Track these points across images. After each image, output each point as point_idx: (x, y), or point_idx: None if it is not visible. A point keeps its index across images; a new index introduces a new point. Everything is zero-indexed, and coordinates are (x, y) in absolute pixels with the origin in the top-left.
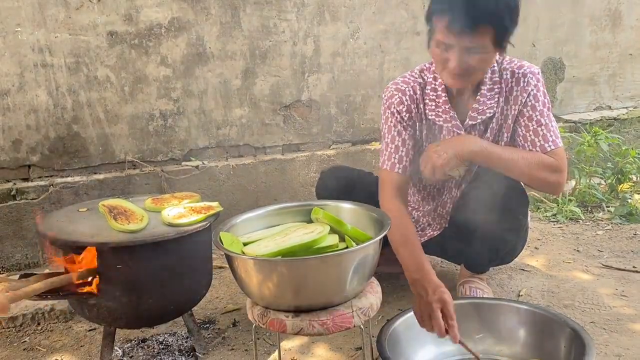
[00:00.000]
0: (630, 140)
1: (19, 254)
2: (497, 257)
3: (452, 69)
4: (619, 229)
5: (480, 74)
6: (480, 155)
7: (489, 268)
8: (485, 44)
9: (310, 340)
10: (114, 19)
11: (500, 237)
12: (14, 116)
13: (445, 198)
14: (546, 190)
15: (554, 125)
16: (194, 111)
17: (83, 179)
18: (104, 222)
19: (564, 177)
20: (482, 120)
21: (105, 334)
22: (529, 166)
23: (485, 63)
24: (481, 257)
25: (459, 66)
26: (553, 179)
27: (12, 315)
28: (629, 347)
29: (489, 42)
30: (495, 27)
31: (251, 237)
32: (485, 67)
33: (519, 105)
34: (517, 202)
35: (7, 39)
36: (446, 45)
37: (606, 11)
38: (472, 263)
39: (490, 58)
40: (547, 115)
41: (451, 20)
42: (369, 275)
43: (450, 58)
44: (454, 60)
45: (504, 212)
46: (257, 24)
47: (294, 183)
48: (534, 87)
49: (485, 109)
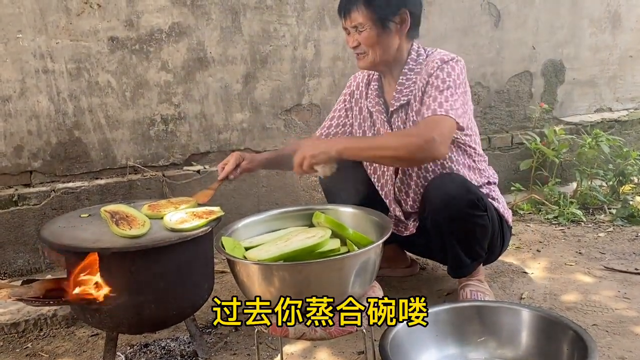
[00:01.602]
0: (631, 142)
1: (21, 259)
2: (469, 256)
3: (351, 49)
4: (620, 231)
5: (378, 55)
6: (347, 151)
7: (472, 268)
8: (363, 22)
9: (312, 345)
10: (115, 24)
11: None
12: (15, 122)
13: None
14: (416, 155)
15: (455, 100)
16: (195, 116)
17: (85, 185)
18: (106, 227)
19: (428, 138)
20: (401, 105)
21: (108, 340)
22: (398, 137)
23: (370, 41)
24: (453, 259)
25: (351, 45)
26: (414, 140)
27: (15, 322)
28: (632, 350)
29: (367, 20)
30: (366, 6)
31: (253, 242)
32: (374, 44)
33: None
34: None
35: (8, 45)
36: (345, 31)
37: (606, 13)
38: (450, 268)
39: (374, 37)
40: (449, 88)
41: (339, 7)
42: (371, 279)
43: (348, 40)
44: (348, 41)
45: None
46: (257, 29)
47: (295, 187)
48: (437, 68)
49: (401, 97)
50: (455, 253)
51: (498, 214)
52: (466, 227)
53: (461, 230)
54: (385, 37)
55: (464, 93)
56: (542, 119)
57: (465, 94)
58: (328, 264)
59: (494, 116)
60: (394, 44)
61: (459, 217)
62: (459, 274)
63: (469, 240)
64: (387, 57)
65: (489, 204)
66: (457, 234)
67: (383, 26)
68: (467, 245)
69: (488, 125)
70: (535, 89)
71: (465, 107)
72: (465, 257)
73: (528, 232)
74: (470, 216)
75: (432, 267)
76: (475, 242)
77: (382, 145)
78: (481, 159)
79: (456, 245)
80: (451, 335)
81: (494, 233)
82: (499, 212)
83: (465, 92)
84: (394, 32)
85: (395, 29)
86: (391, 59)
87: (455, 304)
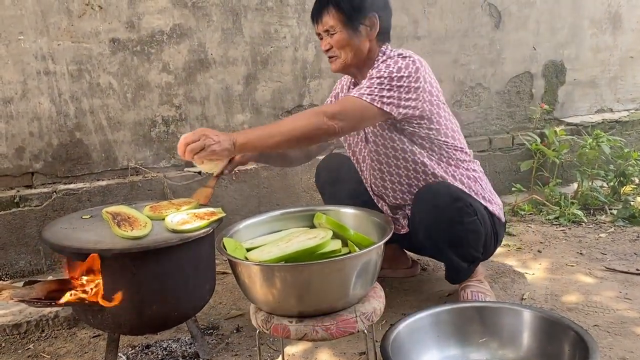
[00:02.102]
0: (632, 143)
1: (23, 261)
2: (465, 260)
3: (324, 52)
4: (621, 232)
5: (349, 57)
6: (249, 144)
7: (470, 272)
8: (334, 24)
9: (314, 346)
10: (116, 26)
11: (451, 242)
12: (17, 124)
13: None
14: (314, 132)
15: (382, 88)
16: (196, 117)
17: (86, 186)
18: (107, 228)
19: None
20: None
21: (109, 341)
22: (296, 118)
23: (342, 43)
24: (450, 266)
25: (324, 48)
26: (312, 118)
27: (16, 323)
28: (633, 350)
29: (338, 22)
30: (336, 10)
31: (254, 243)
32: (344, 48)
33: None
34: (446, 202)
35: (10, 47)
36: (318, 36)
37: (606, 14)
38: (448, 275)
39: (345, 39)
40: (379, 78)
41: (312, 14)
42: (372, 280)
43: (322, 44)
44: (322, 45)
45: (440, 219)
46: (258, 30)
47: (296, 188)
48: (381, 62)
49: None
50: (451, 260)
51: (488, 212)
52: (458, 235)
53: (454, 239)
54: (356, 39)
55: (402, 87)
56: (543, 120)
57: (407, 89)
58: (329, 265)
59: (495, 117)
60: (365, 47)
61: (450, 227)
62: (457, 280)
63: (463, 247)
64: (358, 59)
65: (478, 206)
66: (450, 242)
67: (354, 29)
68: (462, 251)
69: (489, 126)
70: (536, 89)
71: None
72: (461, 263)
73: (529, 233)
74: (461, 224)
75: (433, 268)
76: (470, 246)
77: (283, 130)
78: (462, 154)
79: (451, 253)
80: (452, 336)
81: (487, 233)
82: (488, 210)
83: (409, 87)
84: (364, 35)
85: (365, 32)
86: (362, 61)
87: (456, 304)
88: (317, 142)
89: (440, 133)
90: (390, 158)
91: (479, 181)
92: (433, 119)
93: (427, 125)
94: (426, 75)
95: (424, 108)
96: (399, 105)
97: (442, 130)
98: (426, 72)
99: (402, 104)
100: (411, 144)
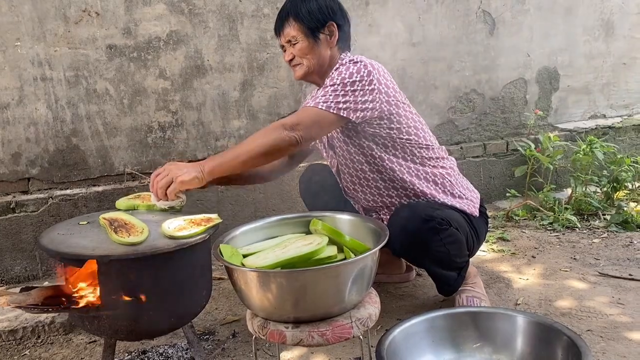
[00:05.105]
0: (625, 149)
1: (18, 266)
2: (452, 270)
3: (287, 63)
4: (615, 237)
5: (311, 66)
6: (218, 169)
7: (461, 280)
8: (295, 34)
9: (309, 351)
10: (113, 32)
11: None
12: (13, 129)
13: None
14: (280, 144)
15: (336, 95)
16: (193, 123)
17: (82, 191)
18: (104, 235)
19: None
20: None
21: (106, 346)
22: (259, 135)
23: (304, 52)
24: (439, 281)
25: (287, 58)
26: (275, 133)
27: (12, 329)
28: (626, 355)
29: (298, 32)
30: (296, 20)
31: (250, 249)
32: (307, 55)
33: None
34: (417, 225)
35: (6, 53)
36: (282, 48)
37: (599, 21)
38: (439, 289)
39: (307, 47)
40: (332, 85)
41: (275, 27)
42: (368, 285)
43: (284, 56)
44: (284, 57)
45: (416, 243)
46: (254, 37)
47: (292, 194)
48: (334, 70)
49: None
50: (440, 274)
51: (460, 211)
52: (439, 251)
53: (436, 257)
54: (317, 47)
55: (357, 91)
56: (537, 126)
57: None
58: (325, 271)
59: (489, 123)
60: (326, 54)
61: (428, 248)
62: (450, 291)
63: (448, 259)
64: (320, 67)
65: (450, 213)
66: (434, 261)
67: (314, 37)
68: (448, 264)
69: (483, 132)
70: (530, 95)
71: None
72: (450, 273)
73: (523, 238)
74: (438, 241)
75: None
76: (454, 257)
77: (246, 149)
78: (428, 151)
79: (437, 268)
80: (447, 341)
81: (467, 235)
82: (459, 209)
83: (363, 90)
84: (324, 42)
85: (325, 40)
86: (324, 69)
87: (451, 310)
88: (283, 155)
89: (401, 132)
90: (355, 163)
91: (448, 177)
92: (393, 119)
93: (388, 125)
94: (380, 77)
95: (382, 109)
96: (356, 109)
97: (404, 129)
98: (380, 74)
99: (359, 107)
100: (374, 147)
